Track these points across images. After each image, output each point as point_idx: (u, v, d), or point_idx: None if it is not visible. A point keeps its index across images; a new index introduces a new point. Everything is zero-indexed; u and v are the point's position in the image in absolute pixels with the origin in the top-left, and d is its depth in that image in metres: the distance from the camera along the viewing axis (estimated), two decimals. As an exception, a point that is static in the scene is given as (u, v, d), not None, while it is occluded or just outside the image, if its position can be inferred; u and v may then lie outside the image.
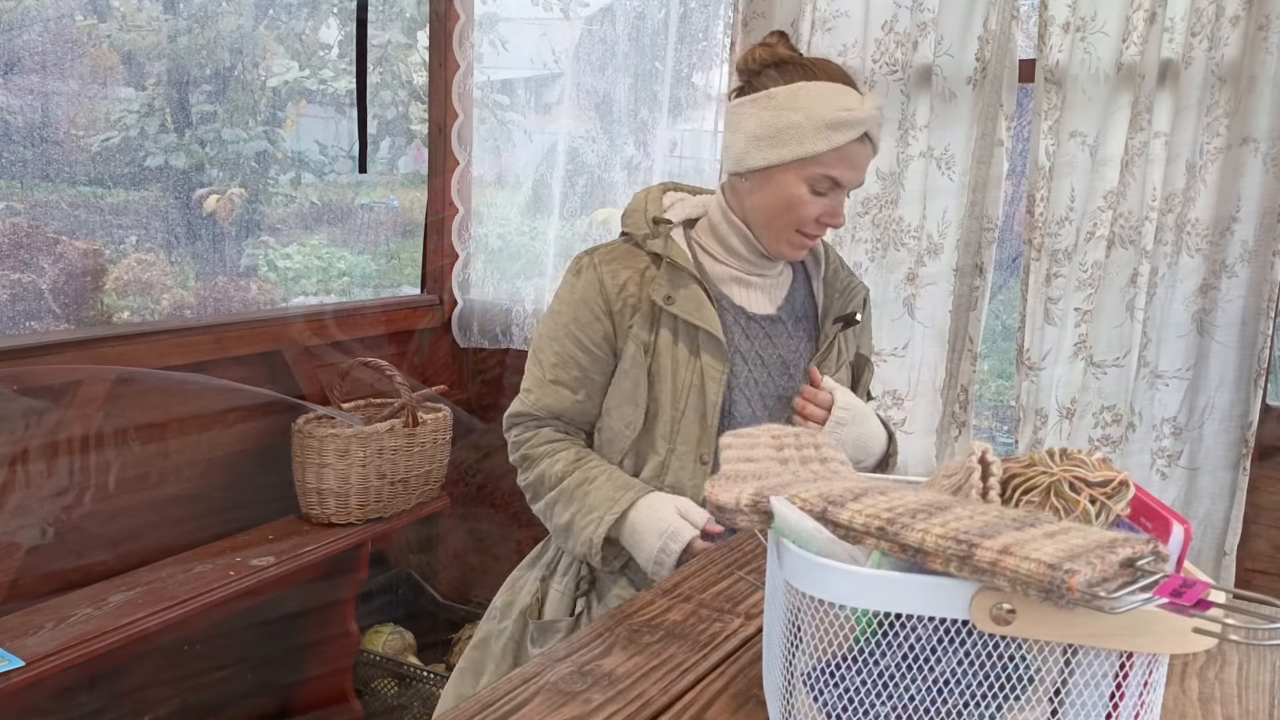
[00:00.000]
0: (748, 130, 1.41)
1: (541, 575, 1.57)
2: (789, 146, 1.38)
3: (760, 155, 1.40)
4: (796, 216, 1.43)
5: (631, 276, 1.47)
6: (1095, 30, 2.03)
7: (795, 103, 1.38)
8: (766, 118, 1.39)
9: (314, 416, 2.50)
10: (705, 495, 0.82)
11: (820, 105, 1.37)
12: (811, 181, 1.40)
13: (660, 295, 1.44)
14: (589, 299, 1.47)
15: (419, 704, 2.68)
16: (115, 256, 2.31)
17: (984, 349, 2.32)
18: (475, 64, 2.94)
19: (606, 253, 1.51)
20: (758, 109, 1.41)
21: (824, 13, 2.30)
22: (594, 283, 1.47)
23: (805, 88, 1.38)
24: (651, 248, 1.47)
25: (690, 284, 1.45)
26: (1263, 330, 1.96)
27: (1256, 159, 1.92)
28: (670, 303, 1.43)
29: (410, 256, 3.09)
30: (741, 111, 1.43)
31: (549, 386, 1.50)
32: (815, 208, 1.42)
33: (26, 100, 2.08)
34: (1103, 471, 0.83)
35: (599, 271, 1.48)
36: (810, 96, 1.38)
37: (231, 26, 2.49)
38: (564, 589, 1.52)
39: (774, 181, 1.42)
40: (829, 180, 1.40)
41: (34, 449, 2.01)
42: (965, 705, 0.70)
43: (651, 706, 0.91)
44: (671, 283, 1.44)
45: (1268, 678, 1.03)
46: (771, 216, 1.44)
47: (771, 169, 1.41)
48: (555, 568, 1.56)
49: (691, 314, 1.43)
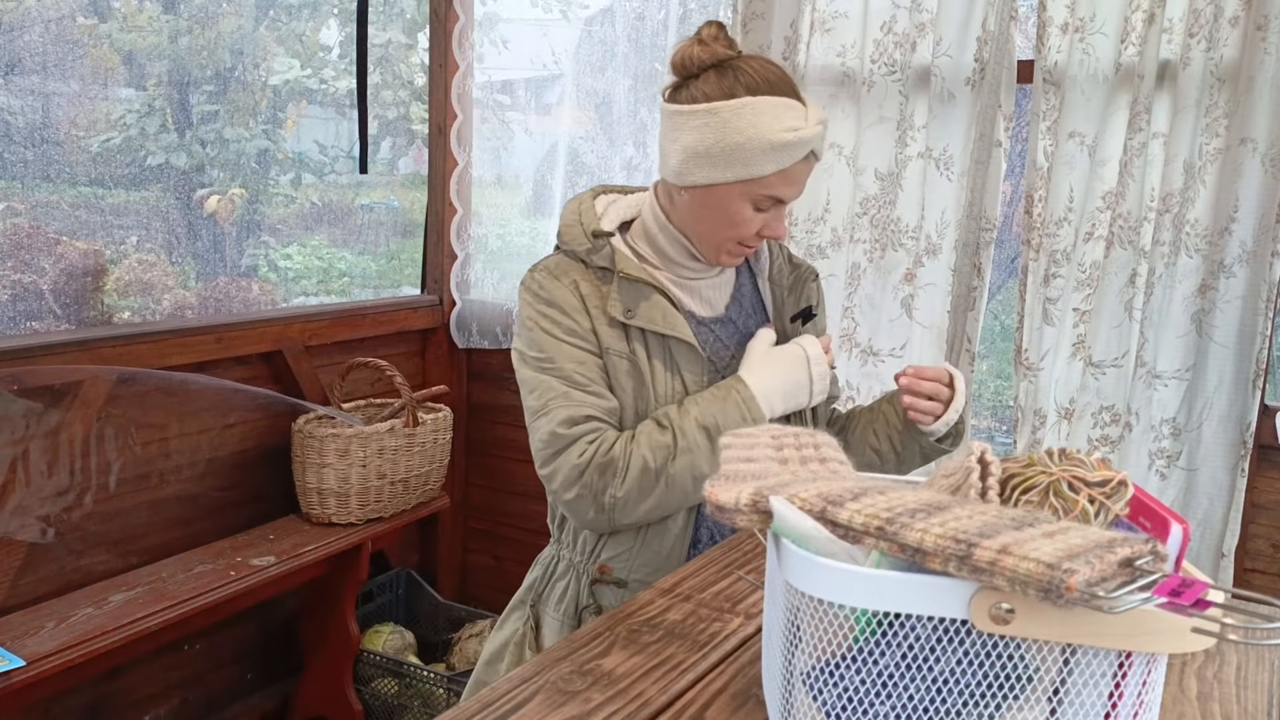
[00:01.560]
0: (687, 144, 1.34)
1: (531, 602, 1.51)
2: (733, 169, 1.32)
3: (701, 173, 1.34)
4: (737, 233, 1.38)
5: (587, 284, 1.41)
6: (1094, 31, 2.03)
7: (740, 122, 1.30)
8: (709, 136, 1.32)
9: (314, 416, 2.50)
10: (705, 495, 0.82)
11: (766, 126, 1.30)
12: (755, 201, 1.35)
13: (619, 310, 1.37)
14: (563, 301, 1.39)
15: (419, 704, 2.68)
16: (116, 257, 2.31)
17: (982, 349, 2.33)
18: (475, 65, 2.94)
19: (555, 265, 1.43)
20: (698, 123, 1.33)
21: (823, 13, 2.30)
22: (558, 286, 1.40)
23: (750, 105, 1.31)
24: (597, 262, 1.41)
25: (650, 294, 1.39)
26: (1261, 331, 1.96)
27: (1255, 159, 1.93)
28: (631, 315, 1.37)
29: (410, 257, 3.09)
30: (680, 122, 1.35)
31: (577, 394, 1.36)
32: (757, 224, 1.37)
33: (27, 101, 2.08)
34: (1101, 471, 0.83)
35: (557, 280, 1.41)
36: (756, 115, 1.30)
37: (232, 27, 2.49)
38: (562, 615, 1.46)
39: (715, 198, 1.35)
40: (771, 199, 1.35)
41: (35, 449, 2.02)
42: (964, 704, 0.70)
43: (651, 706, 0.91)
44: (627, 295, 1.38)
45: (1266, 677, 1.03)
46: (711, 230, 1.39)
47: (714, 187, 1.34)
48: (544, 593, 1.50)
49: (658, 324, 1.38)
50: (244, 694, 2.65)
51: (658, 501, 1.34)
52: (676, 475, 1.32)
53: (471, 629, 2.87)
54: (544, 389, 1.37)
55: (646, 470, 1.32)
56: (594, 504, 1.33)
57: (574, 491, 1.33)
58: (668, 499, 1.34)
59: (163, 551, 2.31)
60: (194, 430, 2.37)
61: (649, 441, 1.33)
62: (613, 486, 1.32)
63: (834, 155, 2.33)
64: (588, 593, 1.46)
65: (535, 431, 1.38)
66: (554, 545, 1.53)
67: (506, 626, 1.54)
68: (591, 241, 1.41)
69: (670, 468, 1.32)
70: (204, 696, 2.53)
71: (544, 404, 1.37)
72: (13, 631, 1.90)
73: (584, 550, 1.46)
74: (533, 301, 1.42)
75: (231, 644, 2.59)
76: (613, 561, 1.44)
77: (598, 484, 1.32)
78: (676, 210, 1.42)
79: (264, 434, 2.53)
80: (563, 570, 1.49)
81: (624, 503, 1.33)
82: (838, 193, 2.33)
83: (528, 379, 1.41)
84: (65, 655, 1.84)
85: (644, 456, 1.32)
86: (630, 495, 1.32)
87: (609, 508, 1.33)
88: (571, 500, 1.35)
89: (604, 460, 1.32)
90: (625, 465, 1.32)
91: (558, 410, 1.35)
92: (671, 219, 1.43)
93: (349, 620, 2.57)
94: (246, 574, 2.21)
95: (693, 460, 1.32)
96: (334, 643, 2.60)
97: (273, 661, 2.71)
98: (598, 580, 1.45)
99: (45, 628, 1.93)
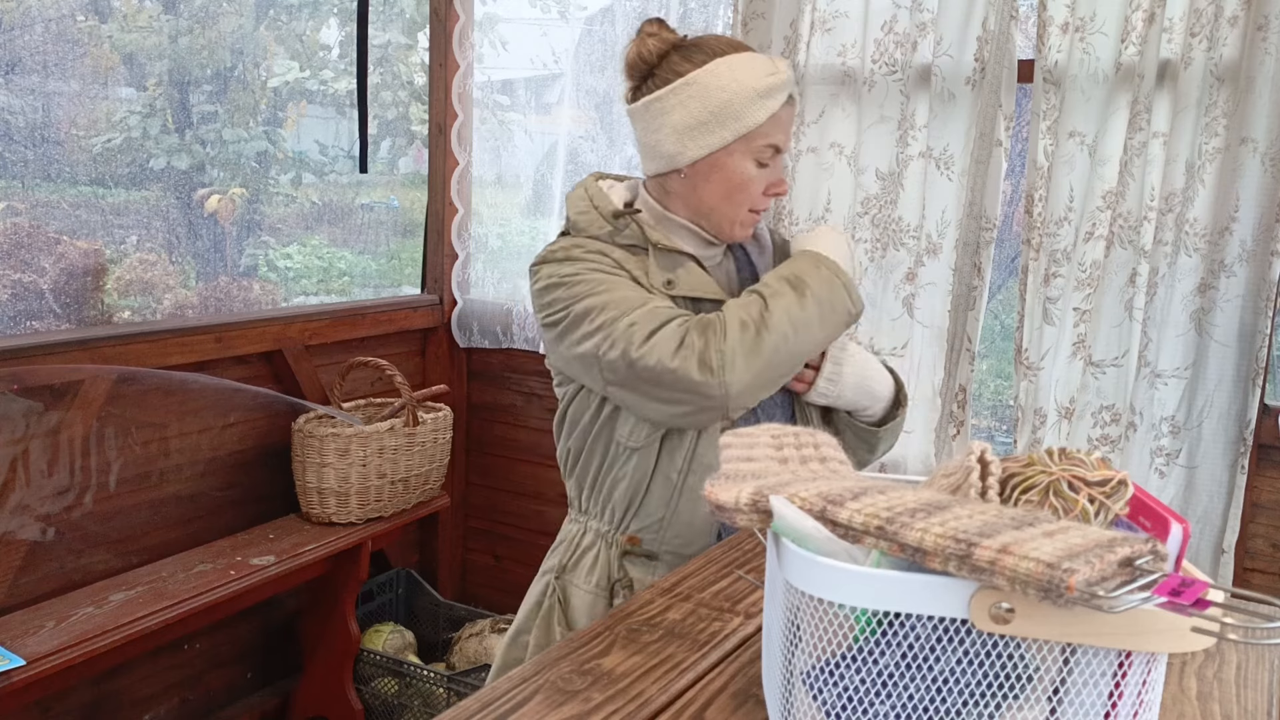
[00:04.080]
0: (675, 123, 1.35)
1: (558, 573, 1.48)
2: (729, 125, 1.33)
3: (698, 144, 1.35)
4: (748, 194, 1.38)
5: (619, 252, 1.40)
6: (1094, 30, 2.03)
7: (720, 80, 1.32)
8: (694, 105, 1.33)
9: (314, 416, 2.50)
10: (705, 495, 0.82)
11: (747, 76, 1.32)
12: (757, 154, 1.36)
13: (660, 281, 1.37)
14: (595, 261, 1.37)
15: (419, 703, 2.68)
16: (116, 256, 2.31)
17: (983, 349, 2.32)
18: (475, 64, 2.94)
19: (573, 242, 1.41)
20: (677, 100, 1.34)
21: (823, 13, 2.30)
22: (586, 254, 1.38)
23: (724, 63, 1.33)
24: (622, 241, 1.40)
25: (685, 262, 1.40)
26: (1261, 329, 1.96)
27: (1255, 159, 1.93)
28: (672, 286, 1.38)
29: (410, 256, 3.09)
30: (658, 107, 1.36)
31: (653, 299, 1.33)
32: (762, 181, 1.38)
33: (28, 100, 2.08)
34: (1101, 471, 0.83)
35: (581, 247, 1.39)
36: (734, 70, 1.33)
37: (232, 27, 2.49)
38: (594, 588, 1.44)
39: (719, 166, 1.36)
40: (771, 149, 1.36)
41: (35, 448, 2.02)
42: (964, 704, 0.70)
43: (651, 705, 0.91)
44: (666, 265, 1.39)
45: (1266, 676, 1.03)
46: (722, 201, 1.39)
47: (714, 155, 1.35)
48: (571, 563, 1.47)
49: (699, 289, 1.39)
50: (244, 693, 2.65)
51: (763, 353, 1.28)
52: (773, 318, 1.29)
53: (471, 628, 2.87)
54: (615, 302, 1.32)
55: (745, 325, 1.28)
56: (701, 365, 1.26)
57: (679, 357, 1.27)
58: (771, 348, 1.29)
59: (163, 551, 2.31)
60: (194, 430, 2.37)
61: (739, 305, 1.32)
62: (716, 340, 1.27)
63: (835, 155, 2.33)
64: (618, 565, 1.44)
65: (617, 326, 1.30)
66: (578, 519, 1.51)
67: (529, 600, 1.51)
68: (613, 222, 1.41)
69: (766, 315, 1.29)
70: (204, 696, 2.53)
71: (623, 311, 1.31)
72: (12, 631, 1.90)
73: (612, 520, 1.44)
74: (558, 265, 1.38)
75: (231, 643, 2.59)
76: (642, 533, 1.42)
77: (700, 343, 1.27)
78: (674, 199, 1.42)
79: (264, 433, 2.53)
80: (590, 541, 1.47)
81: (730, 357, 1.27)
82: (839, 192, 2.33)
83: (587, 308, 1.33)
84: (65, 655, 1.84)
85: (739, 315, 1.29)
86: (735, 349, 1.27)
87: (718, 367, 1.26)
88: (677, 368, 1.27)
89: (703, 323, 1.29)
90: (723, 325, 1.29)
91: (644, 306, 1.31)
92: (670, 209, 1.43)
93: (349, 620, 2.57)
94: (246, 573, 2.21)
95: (784, 304, 1.31)
96: (334, 642, 2.60)
97: (273, 661, 2.71)
98: (628, 552, 1.43)
99: (45, 627, 1.93)
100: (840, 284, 1.36)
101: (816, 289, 1.34)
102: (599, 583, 1.44)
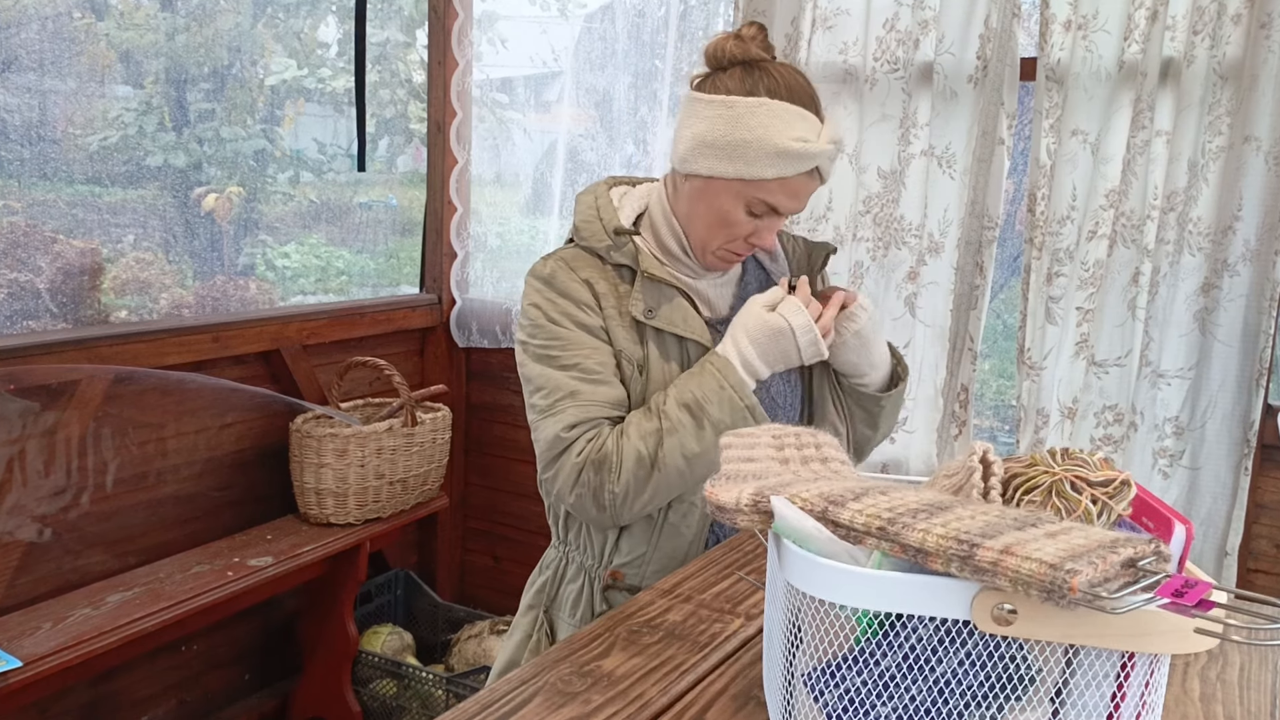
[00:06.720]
0: (697, 132, 1.34)
1: (545, 606, 1.49)
2: (733, 164, 1.31)
3: (703, 163, 1.33)
4: (727, 233, 1.37)
5: (604, 283, 1.39)
6: (1097, 28, 2.03)
7: (751, 120, 1.30)
8: (719, 128, 1.32)
9: (312, 416, 2.50)
10: (705, 495, 0.81)
11: (776, 131, 1.29)
12: (749, 204, 1.34)
13: (639, 310, 1.36)
14: (576, 294, 1.37)
15: (418, 704, 2.67)
16: (113, 255, 2.30)
17: (985, 348, 2.32)
18: (474, 62, 2.93)
19: (571, 257, 1.41)
20: (713, 113, 1.33)
21: (825, 10, 2.29)
22: (573, 279, 1.38)
23: (766, 105, 1.30)
24: (616, 260, 1.40)
25: (672, 295, 1.38)
26: (1265, 329, 1.95)
27: (1258, 157, 1.92)
28: (651, 316, 1.36)
29: (409, 255, 3.09)
30: (697, 109, 1.35)
31: (587, 391, 1.33)
32: (746, 228, 1.36)
33: (24, 99, 2.08)
34: (1104, 471, 0.83)
35: (572, 272, 1.39)
36: (769, 117, 1.30)
37: (230, 25, 2.48)
38: (578, 622, 1.44)
39: (711, 192, 1.35)
40: (766, 206, 1.34)
41: (31, 449, 2.01)
42: (966, 706, 0.69)
43: (651, 707, 0.90)
44: (650, 295, 1.37)
45: (1269, 678, 1.03)
46: (701, 225, 1.38)
47: (713, 180, 1.34)
48: (556, 597, 1.48)
49: (678, 326, 1.37)
50: (242, 695, 2.64)
51: (655, 489, 1.32)
52: (667, 458, 1.30)
53: (470, 630, 2.87)
54: (553, 388, 1.34)
55: (641, 460, 1.30)
56: (595, 502, 1.32)
57: (575, 493, 1.32)
58: (664, 484, 1.32)
59: (160, 552, 2.30)
60: (191, 430, 2.36)
61: (638, 430, 1.32)
62: (609, 482, 1.30)
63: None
64: (601, 599, 1.43)
65: (540, 431, 1.36)
66: (559, 547, 1.51)
67: (517, 633, 1.51)
68: (613, 239, 1.40)
69: (660, 452, 1.30)
70: (202, 697, 2.53)
71: (552, 404, 1.34)
72: (10, 632, 1.90)
73: (595, 554, 1.44)
74: (543, 289, 1.39)
75: (229, 645, 2.58)
76: (625, 568, 1.41)
77: (595, 481, 1.31)
78: (678, 199, 1.41)
79: (262, 434, 2.52)
80: (573, 574, 1.47)
81: (623, 497, 1.31)
82: (840, 191, 2.33)
83: (534, 375, 1.37)
84: (62, 656, 1.84)
85: (636, 447, 1.30)
86: (628, 488, 1.30)
87: (609, 504, 1.31)
88: (574, 503, 1.34)
89: (599, 457, 1.31)
90: (619, 459, 1.30)
91: (565, 413, 1.33)
92: (675, 210, 1.42)
93: (347, 621, 2.57)
94: (244, 574, 2.20)
95: (680, 440, 1.30)
96: (332, 643, 2.59)
97: (271, 662, 2.70)
98: (610, 586, 1.43)
99: (42, 628, 1.92)
100: (744, 408, 1.33)
101: (717, 416, 1.32)
102: (583, 617, 1.45)
